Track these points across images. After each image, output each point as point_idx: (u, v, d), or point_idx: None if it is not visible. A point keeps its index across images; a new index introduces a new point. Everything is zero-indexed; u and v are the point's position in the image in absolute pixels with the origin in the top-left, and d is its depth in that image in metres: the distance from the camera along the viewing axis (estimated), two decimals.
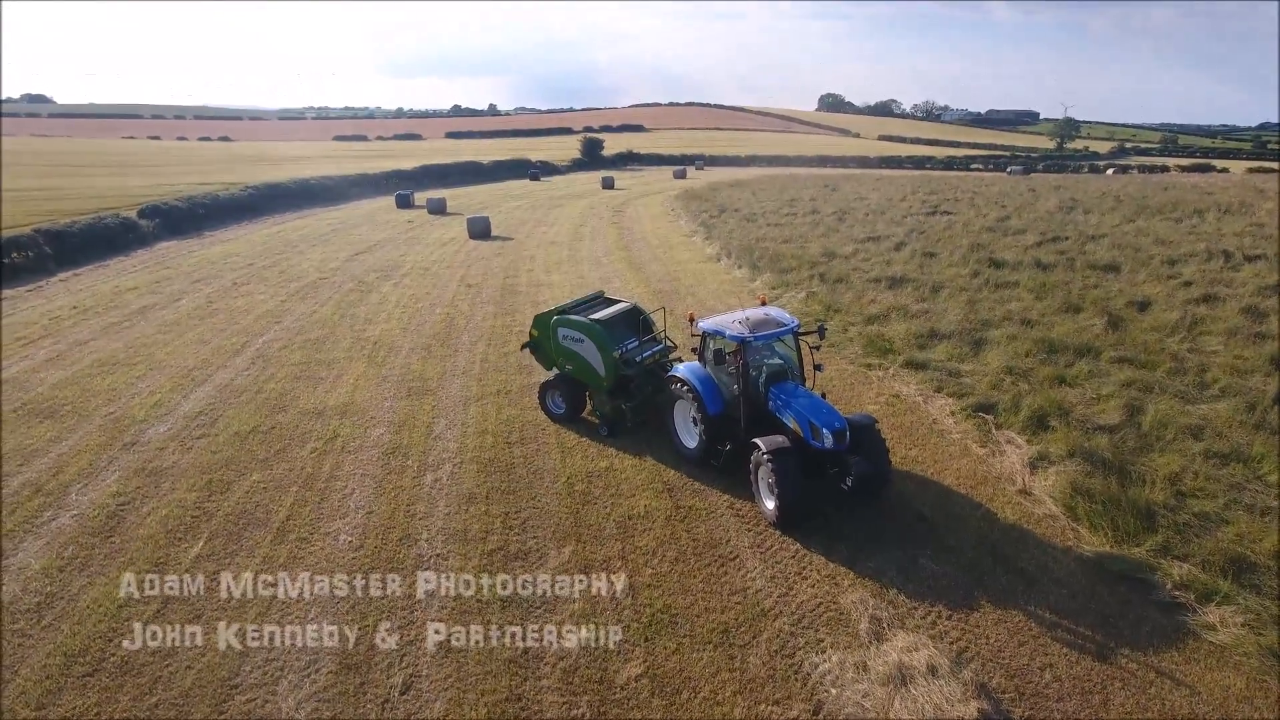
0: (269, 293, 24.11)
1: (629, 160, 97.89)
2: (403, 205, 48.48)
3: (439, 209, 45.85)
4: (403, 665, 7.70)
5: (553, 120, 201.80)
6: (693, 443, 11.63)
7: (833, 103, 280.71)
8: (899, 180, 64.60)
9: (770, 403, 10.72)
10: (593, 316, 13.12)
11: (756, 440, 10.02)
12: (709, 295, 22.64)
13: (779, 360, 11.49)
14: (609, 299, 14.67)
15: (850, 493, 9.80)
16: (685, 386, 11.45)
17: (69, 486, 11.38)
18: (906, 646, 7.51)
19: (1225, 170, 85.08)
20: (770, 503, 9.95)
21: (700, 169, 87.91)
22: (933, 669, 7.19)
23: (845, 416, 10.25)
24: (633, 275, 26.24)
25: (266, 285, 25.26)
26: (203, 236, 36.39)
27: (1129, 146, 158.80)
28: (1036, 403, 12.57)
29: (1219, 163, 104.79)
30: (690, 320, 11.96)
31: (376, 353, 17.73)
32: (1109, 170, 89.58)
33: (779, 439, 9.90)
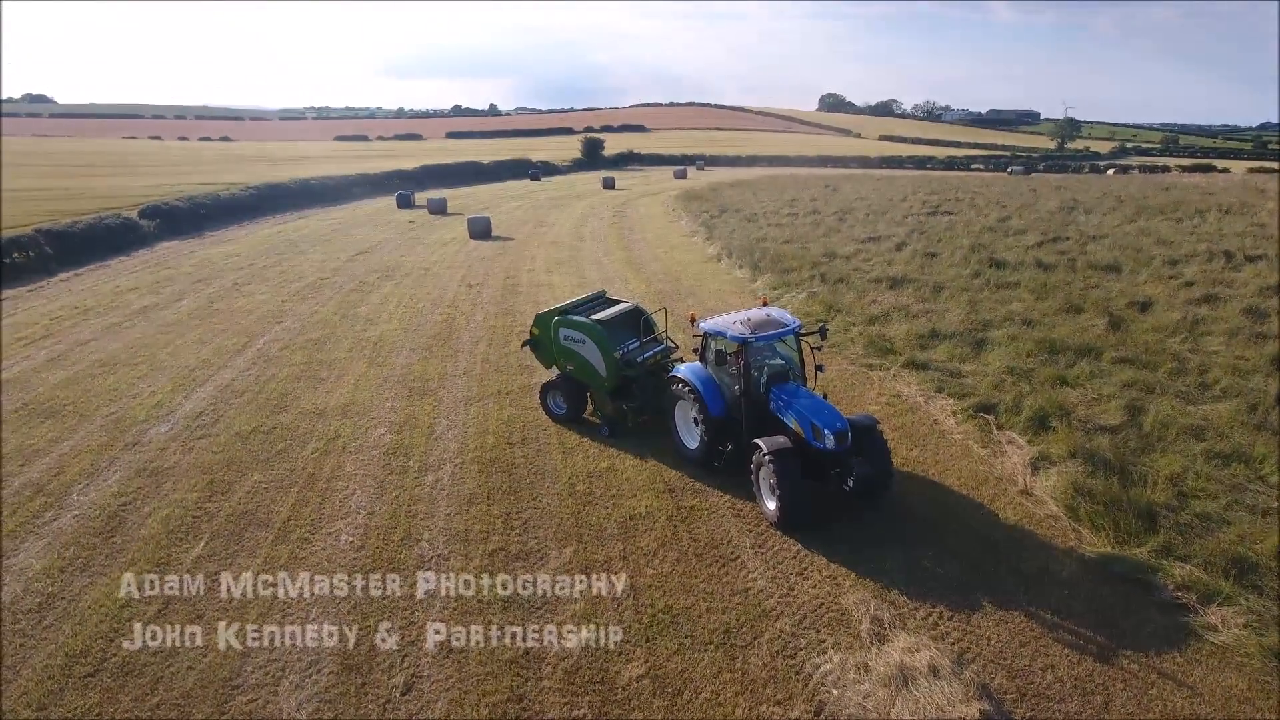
0: (270, 293, 24.12)
1: (630, 160, 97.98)
2: (404, 205, 48.51)
3: (440, 209, 45.88)
4: (404, 666, 7.70)
5: (553, 120, 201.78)
6: (694, 443, 11.63)
7: (833, 103, 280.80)
8: (900, 180, 64.60)
9: (772, 403, 10.71)
10: (594, 317, 13.11)
11: (758, 441, 10.02)
12: (710, 296, 22.64)
13: (780, 361, 11.49)
14: (610, 299, 14.66)
15: (852, 493, 9.78)
16: (687, 387, 11.44)
17: (70, 487, 11.38)
18: (908, 647, 7.50)
19: (1226, 170, 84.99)
20: (771, 503, 9.94)
21: (701, 169, 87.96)
22: (934, 670, 7.18)
23: (847, 417, 10.24)
24: (633, 275, 26.25)
25: (267, 285, 25.27)
26: (204, 237, 36.41)
27: (1130, 147, 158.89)
28: (1038, 403, 12.56)
29: (1220, 163, 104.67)
30: (692, 321, 11.96)
31: (377, 353, 17.73)
32: (1110, 170, 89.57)
33: (780, 440, 9.89)
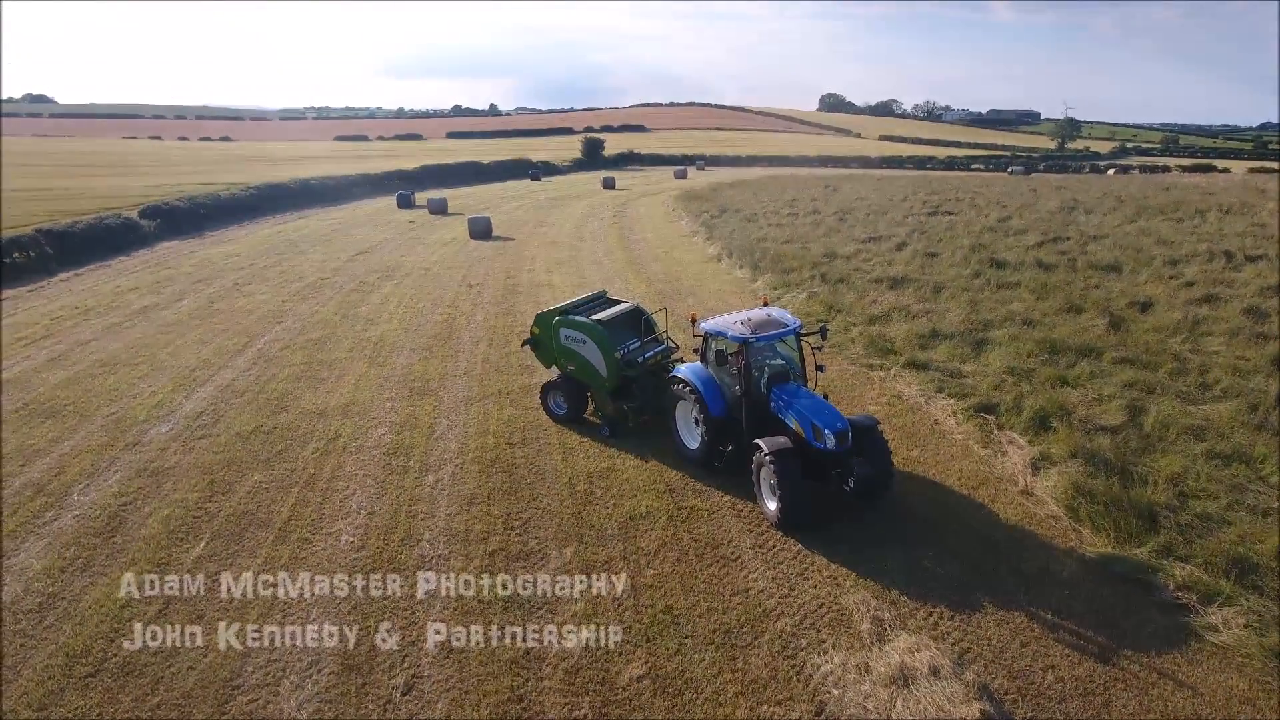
0: (270, 293, 24.12)
1: (630, 160, 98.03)
2: (404, 205, 48.52)
3: (440, 209, 45.88)
4: (404, 666, 7.70)
5: (554, 120, 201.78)
6: (695, 443, 11.62)
7: (834, 103, 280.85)
8: (900, 180, 64.60)
9: (772, 403, 10.70)
10: (595, 317, 13.11)
11: (758, 441, 10.01)
12: (710, 296, 22.64)
13: (781, 361, 11.49)
14: (611, 299, 14.65)
15: (852, 494, 9.78)
16: (687, 387, 11.44)
17: (71, 487, 11.38)
18: (908, 647, 7.49)
19: (1226, 170, 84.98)
20: (772, 503, 9.94)
21: (701, 169, 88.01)
22: (935, 670, 7.18)
23: (847, 417, 10.24)
24: (634, 275, 26.25)
25: (268, 285, 25.27)
26: (204, 236, 36.40)
27: (1130, 147, 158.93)
28: (1038, 403, 12.55)
29: (1220, 163, 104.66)
30: (692, 321, 11.96)
31: (378, 353, 17.73)
32: (1110, 170, 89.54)
33: (781, 440, 9.89)
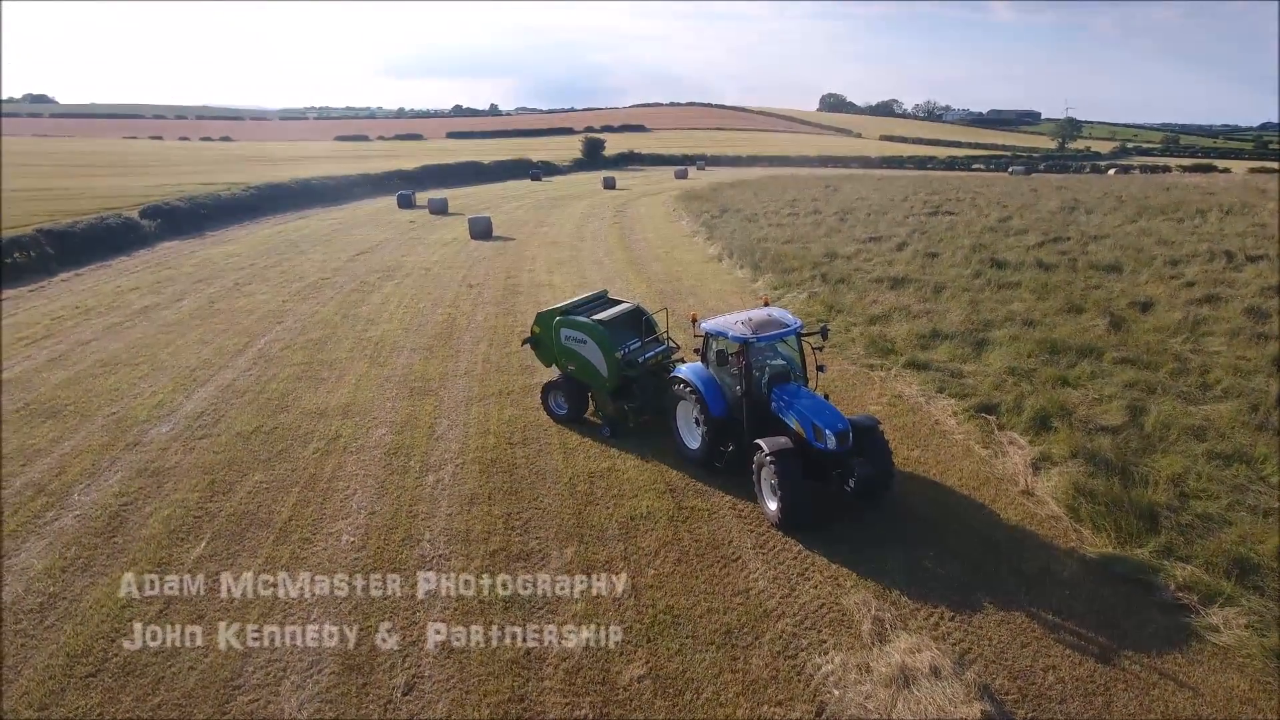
0: (271, 293, 24.12)
1: (630, 160, 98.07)
2: (404, 205, 48.55)
3: (441, 209, 45.89)
4: (405, 666, 7.70)
5: (554, 120, 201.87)
6: (695, 444, 11.62)
7: (834, 103, 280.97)
8: (901, 180, 64.61)
9: (773, 404, 10.70)
10: (595, 317, 13.10)
11: (759, 441, 10.01)
12: (711, 296, 22.64)
13: (782, 361, 11.49)
14: (612, 299, 14.65)
15: (853, 494, 9.78)
16: (688, 387, 11.44)
17: (71, 487, 11.39)
18: (909, 648, 7.49)
19: (1227, 170, 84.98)
20: (773, 504, 9.94)
21: (702, 169, 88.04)
22: (935, 670, 7.18)
23: (848, 418, 10.23)
24: (634, 275, 26.25)
25: (268, 285, 25.28)
26: (204, 236, 36.41)
27: (1130, 147, 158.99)
28: (1039, 403, 12.55)
29: (1220, 163, 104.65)
30: (693, 321, 11.95)
31: (378, 353, 17.74)
32: (1111, 170, 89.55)
33: (782, 440, 9.88)
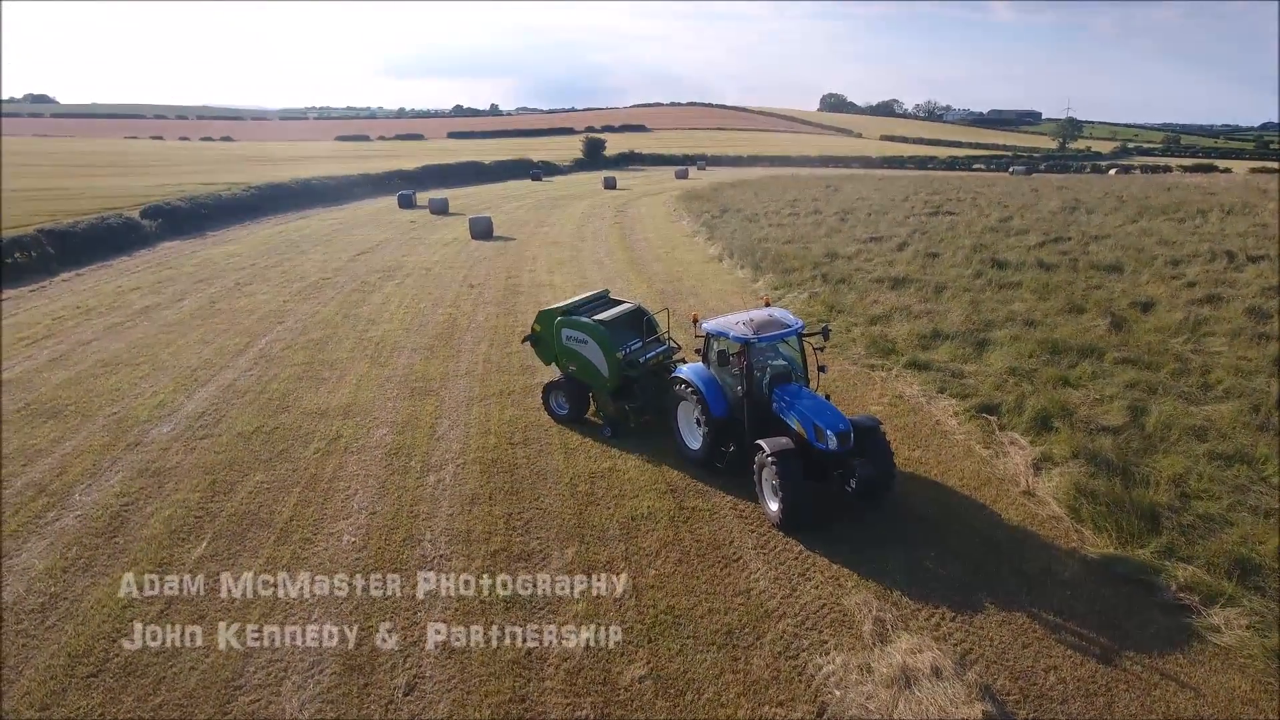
0: (271, 293, 24.13)
1: (631, 160, 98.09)
2: (405, 205, 48.57)
3: (441, 209, 45.91)
4: (406, 666, 7.69)
5: (555, 120, 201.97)
6: (696, 444, 11.61)
7: (835, 103, 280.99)
8: (901, 180, 64.61)
9: (774, 404, 10.69)
10: (596, 317, 13.10)
11: (760, 442, 10.00)
12: (712, 296, 22.63)
13: (783, 362, 11.48)
14: (613, 299, 14.63)
15: (854, 494, 9.77)
16: (689, 388, 11.43)
17: (72, 487, 11.39)
18: (910, 648, 7.48)
19: (1228, 170, 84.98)
20: (774, 504, 9.93)
21: (702, 169, 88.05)
22: (937, 671, 7.17)
23: (850, 418, 10.22)
24: (635, 275, 26.24)
25: (269, 285, 25.29)
26: (205, 236, 36.43)
27: (1131, 147, 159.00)
28: (1040, 404, 12.54)
29: (1221, 163, 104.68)
30: (694, 321, 11.95)
31: (379, 353, 17.74)
32: (1111, 170, 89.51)
33: (783, 440, 9.88)
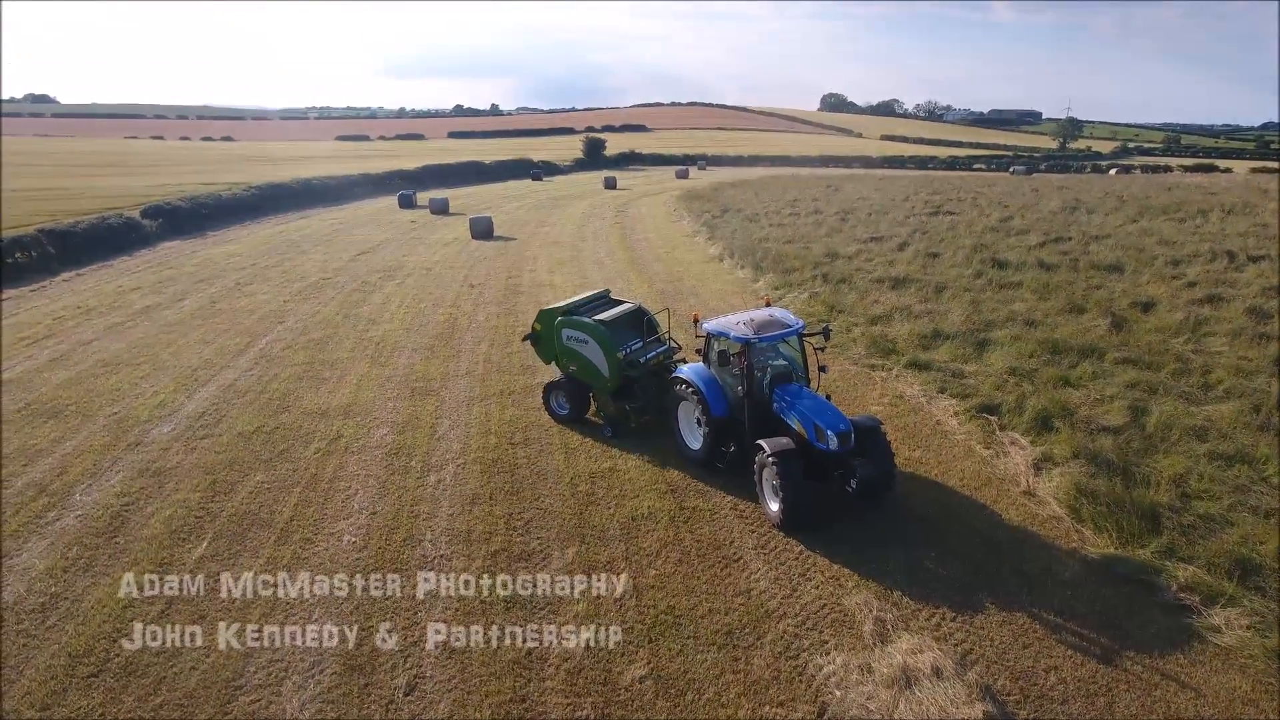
0: (272, 293, 24.13)
1: (631, 160, 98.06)
2: (405, 205, 48.56)
3: (442, 209, 45.90)
4: (407, 666, 7.69)
5: (555, 120, 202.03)
6: (697, 444, 11.61)
7: (835, 103, 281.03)
8: (902, 180, 64.61)
9: (775, 404, 10.69)
10: (597, 317, 13.09)
11: (761, 442, 10.00)
12: (712, 296, 22.63)
13: (783, 362, 11.47)
14: (613, 299, 14.63)
15: (854, 495, 9.77)
16: (689, 388, 11.43)
17: (73, 487, 11.39)
18: (911, 648, 7.49)
19: (1228, 170, 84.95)
20: (774, 504, 9.93)
21: (703, 169, 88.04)
22: (937, 671, 7.17)
23: (850, 418, 10.22)
24: (635, 275, 26.24)
25: (269, 285, 25.29)
26: (206, 236, 36.43)
27: (1132, 146, 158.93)
28: (1040, 404, 12.54)
29: (1222, 163, 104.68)
30: (695, 321, 11.94)
31: (380, 353, 17.74)
32: (1112, 170, 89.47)
33: (783, 441, 9.88)
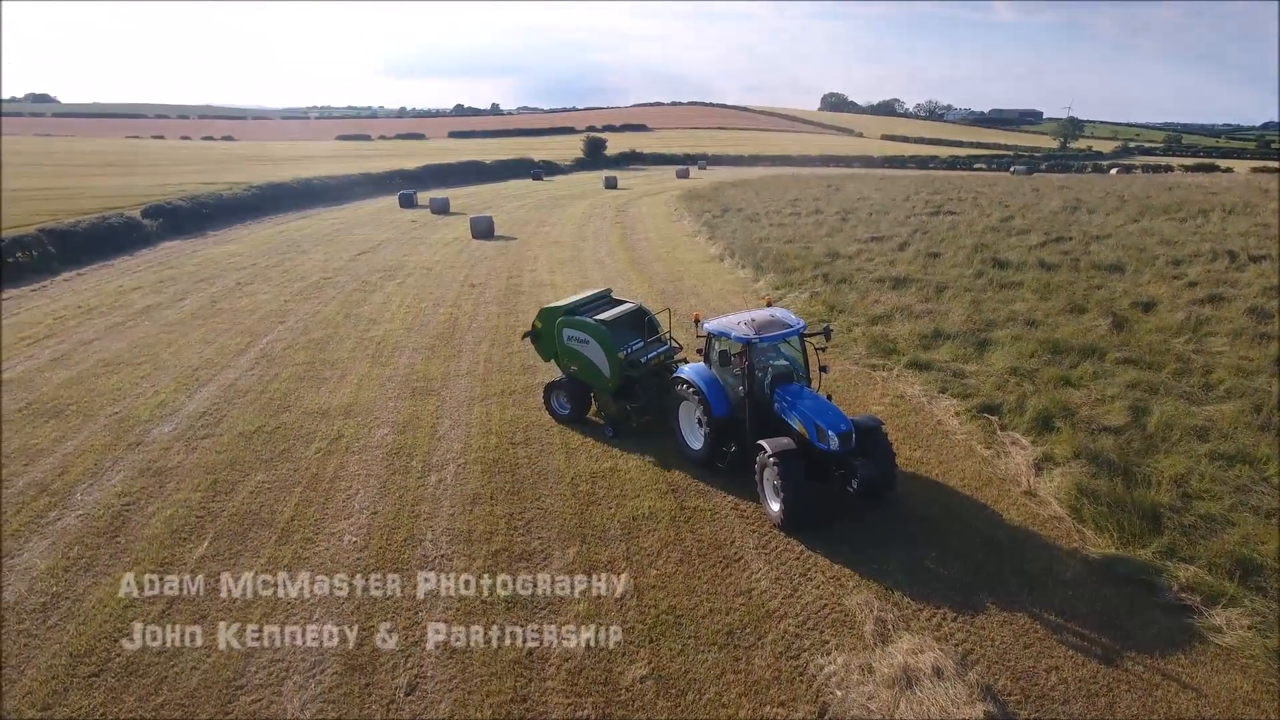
0: (273, 292, 24.14)
1: (632, 160, 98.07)
2: (406, 205, 48.58)
3: (442, 209, 45.90)
4: (408, 666, 7.70)
5: (555, 120, 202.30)
6: (698, 444, 11.61)
7: (836, 102, 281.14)
8: (902, 180, 64.63)
9: (776, 404, 10.69)
10: (598, 317, 13.08)
11: (762, 442, 10.00)
12: (713, 296, 22.63)
13: (784, 362, 11.47)
14: (614, 299, 14.61)
15: (855, 495, 9.78)
16: (690, 388, 11.42)
17: (74, 486, 11.40)
18: (912, 648, 7.48)
19: (1229, 170, 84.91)
20: (775, 504, 9.93)
21: (703, 169, 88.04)
22: (938, 671, 7.17)
23: (851, 418, 10.22)
24: (636, 275, 26.23)
25: (270, 285, 25.29)
26: (206, 236, 36.44)
27: (1133, 146, 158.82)
28: (1041, 404, 12.53)
29: (1223, 162, 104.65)
30: (696, 321, 11.94)
31: (380, 353, 17.74)
32: (1113, 170, 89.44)
33: (784, 441, 9.88)
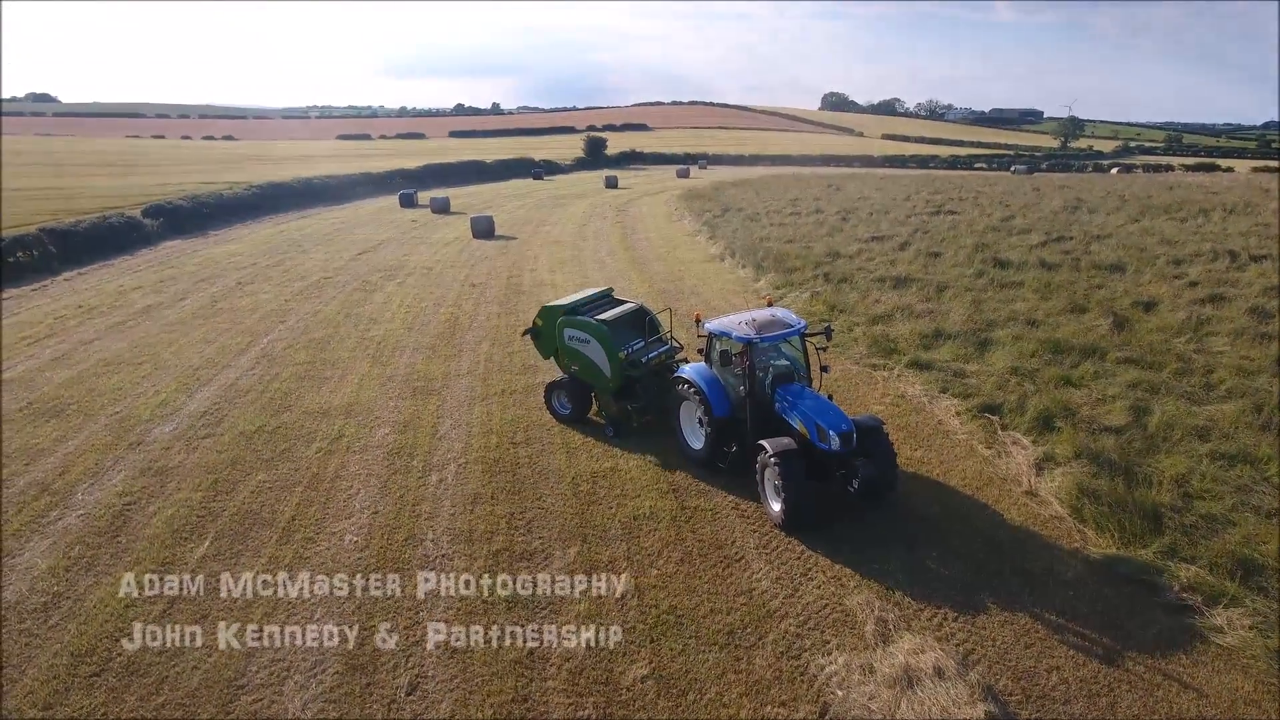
0: (273, 292, 24.15)
1: (632, 159, 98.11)
2: (406, 204, 48.62)
3: (443, 208, 45.93)
4: (409, 666, 7.70)
5: (556, 119, 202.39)
6: (699, 444, 11.61)
7: (836, 102, 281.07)
8: (903, 179, 64.62)
9: (777, 404, 10.68)
10: (599, 317, 13.08)
11: (763, 442, 10.00)
12: (713, 295, 22.63)
13: (785, 361, 11.47)
14: (615, 299, 14.61)
15: (856, 494, 9.78)
16: (691, 388, 11.42)
17: (75, 486, 11.40)
18: (913, 648, 7.48)
19: (1230, 170, 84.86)
20: (776, 504, 9.93)
21: (704, 168, 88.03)
22: (939, 671, 7.17)
23: (852, 418, 10.21)
24: (636, 275, 26.23)
25: (271, 285, 25.30)
26: (207, 236, 36.47)
27: (1133, 145, 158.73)
28: (1042, 404, 12.53)
29: (1224, 162, 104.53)
30: (697, 321, 11.94)
31: (381, 352, 17.74)
32: (1113, 169, 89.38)
33: (785, 441, 9.88)
